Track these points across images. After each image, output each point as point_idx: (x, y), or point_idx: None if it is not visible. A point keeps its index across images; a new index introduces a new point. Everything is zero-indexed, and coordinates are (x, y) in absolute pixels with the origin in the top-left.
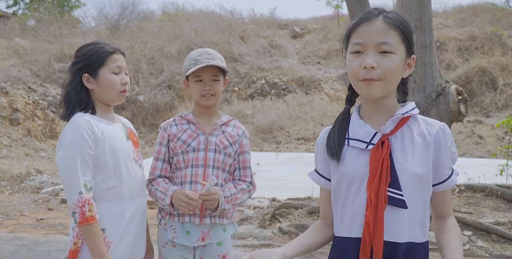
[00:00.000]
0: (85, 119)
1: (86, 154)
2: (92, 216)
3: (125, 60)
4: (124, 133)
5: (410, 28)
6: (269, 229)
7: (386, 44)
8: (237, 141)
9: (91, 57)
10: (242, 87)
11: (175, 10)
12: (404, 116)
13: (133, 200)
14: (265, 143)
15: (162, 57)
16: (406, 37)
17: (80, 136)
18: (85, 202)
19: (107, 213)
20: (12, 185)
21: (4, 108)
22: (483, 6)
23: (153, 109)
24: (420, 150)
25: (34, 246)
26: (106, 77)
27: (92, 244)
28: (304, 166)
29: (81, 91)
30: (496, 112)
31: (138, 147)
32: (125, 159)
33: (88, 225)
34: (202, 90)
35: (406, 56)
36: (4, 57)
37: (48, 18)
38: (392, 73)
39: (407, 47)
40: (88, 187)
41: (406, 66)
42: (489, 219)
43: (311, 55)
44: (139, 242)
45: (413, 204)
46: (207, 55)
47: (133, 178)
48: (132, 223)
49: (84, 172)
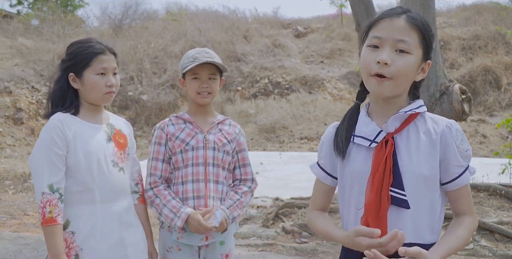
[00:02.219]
0: (58, 120)
1: (54, 155)
2: (52, 217)
3: (117, 60)
4: (105, 134)
5: (432, 32)
6: (272, 228)
7: (404, 43)
8: (234, 139)
9: (77, 57)
10: (245, 86)
11: (178, 10)
12: (409, 114)
13: (106, 204)
14: (268, 143)
15: (165, 57)
16: (426, 40)
17: (49, 137)
18: (47, 203)
19: (77, 216)
20: (15, 184)
21: (7, 107)
22: (486, 5)
23: (156, 108)
24: (425, 150)
25: (38, 245)
26: (90, 79)
27: (50, 245)
28: (308, 165)
29: (67, 90)
30: (500, 111)
31: (123, 149)
32: (99, 161)
33: (48, 227)
34: (199, 87)
35: (422, 59)
36: (8, 56)
37: (52, 17)
38: (404, 73)
39: (425, 50)
40: (54, 188)
41: (420, 70)
42: (493, 218)
43: (315, 54)
44: (124, 248)
45: (418, 205)
46: (205, 54)
47: (108, 181)
48: (105, 229)
49: (51, 172)
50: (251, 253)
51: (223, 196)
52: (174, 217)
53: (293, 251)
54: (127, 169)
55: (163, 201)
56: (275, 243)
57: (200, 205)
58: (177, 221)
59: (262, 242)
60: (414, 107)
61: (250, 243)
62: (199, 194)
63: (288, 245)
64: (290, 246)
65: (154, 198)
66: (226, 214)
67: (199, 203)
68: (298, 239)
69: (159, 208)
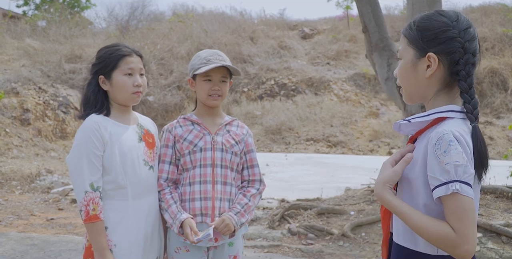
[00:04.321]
0: (95, 121)
1: (92, 155)
2: (96, 215)
3: (143, 62)
4: (137, 134)
5: (417, 28)
6: (278, 230)
7: (398, 52)
8: (242, 140)
9: (105, 60)
10: (251, 88)
11: (185, 11)
12: (432, 118)
13: (137, 200)
14: (274, 144)
15: (171, 58)
16: (416, 38)
17: (87, 138)
18: (90, 201)
19: (110, 212)
20: (22, 185)
21: (15, 108)
22: (493, 6)
23: (162, 109)
24: (418, 154)
25: (45, 246)
26: (118, 79)
27: (95, 241)
28: (313, 167)
29: (99, 93)
30: (507, 113)
31: (152, 148)
32: (132, 160)
33: (92, 223)
34: (211, 90)
35: (415, 57)
36: (15, 57)
37: (59, 19)
38: (401, 77)
39: (417, 47)
40: (95, 186)
41: (426, 67)
42: (500, 221)
43: (321, 56)
44: (148, 243)
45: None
46: (217, 56)
47: (140, 179)
48: (137, 223)
49: (91, 172)
50: (257, 255)
51: (231, 197)
52: (172, 223)
53: (299, 253)
54: (155, 167)
55: (165, 206)
56: (281, 244)
57: (207, 206)
58: (174, 228)
59: (268, 243)
60: (427, 113)
61: (256, 245)
62: (206, 195)
63: (294, 246)
64: (296, 248)
65: (159, 202)
66: (235, 220)
67: (206, 205)
68: (304, 240)
69: (162, 212)
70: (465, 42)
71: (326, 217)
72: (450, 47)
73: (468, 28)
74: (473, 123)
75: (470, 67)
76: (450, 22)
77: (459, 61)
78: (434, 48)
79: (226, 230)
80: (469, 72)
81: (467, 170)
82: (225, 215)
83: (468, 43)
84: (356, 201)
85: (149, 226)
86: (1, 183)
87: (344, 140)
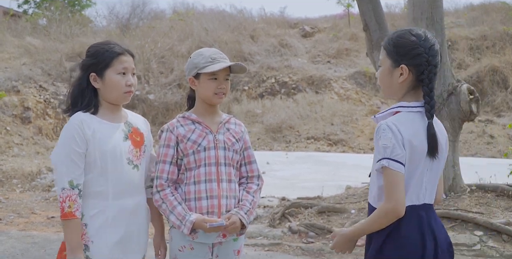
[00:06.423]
0: (79, 119)
1: (73, 152)
2: (71, 212)
3: (135, 61)
4: (123, 133)
5: (393, 44)
6: (279, 228)
7: (379, 60)
8: (241, 137)
9: (99, 58)
10: (252, 86)
11: (185, 9)
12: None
13: (118, 201)
14: (275, 142)
15: (172, 56)
16: (391, 52)
17: (70, 136)
18: (67, 198)
19: (90, 210)
20: (23, 183)
21: (15, 106)
22: (494, 5)
23: (163, 108)
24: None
25: (45, 244)
26: (112, 78)
27: (68, 238)
28: (314, 165)
29: (86, 89)
30: (508, 112)
31: (139, 147)
32: (114, 159)
33: (67, 220)
34: (217, 88)
35: (391, 66)
36: (16, 56)
37: (59, 17)
38: (380, 80)
39: (392, 59)
40: (74, 184)
41: (399, 74)
42: (500, 219)
43: (321, 54)
44: (132, 243)
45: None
46: (220, 55)
47: (122, 179)
48: (117, 222)
49: (70, 169)
50: (258, 253)
51: (236, 194)
52: (181, 224)
53: (300, 251)
54: (142, 166)
55: (169, 208)
56: (281, 243)
57: (214, 204)
58: (184, 229)
59: (268, 242)
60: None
61: (257, 243)
62: (212, 194)
63: (294, 245)
64: (297, 246)
65: (161, 203)
66: (245, 220)
67: (213, 203)
68: (305, 239)
69: (166, 214)
70: (429, 57)
71: (327, 216)
72: (418, 61)
73: (433, 46)
74: (429, 120)
75: (432, 76)
76: (418, 41)
77: (424, 71)
78: (406, 61)
79: (233, 230)
80: (431, 79)
81: (394, 150)
82: (237, 215)
83: (431, 58)
84: (357, 199)
85: (134, 225)
86: (2, 182)
87: (345, 138)
